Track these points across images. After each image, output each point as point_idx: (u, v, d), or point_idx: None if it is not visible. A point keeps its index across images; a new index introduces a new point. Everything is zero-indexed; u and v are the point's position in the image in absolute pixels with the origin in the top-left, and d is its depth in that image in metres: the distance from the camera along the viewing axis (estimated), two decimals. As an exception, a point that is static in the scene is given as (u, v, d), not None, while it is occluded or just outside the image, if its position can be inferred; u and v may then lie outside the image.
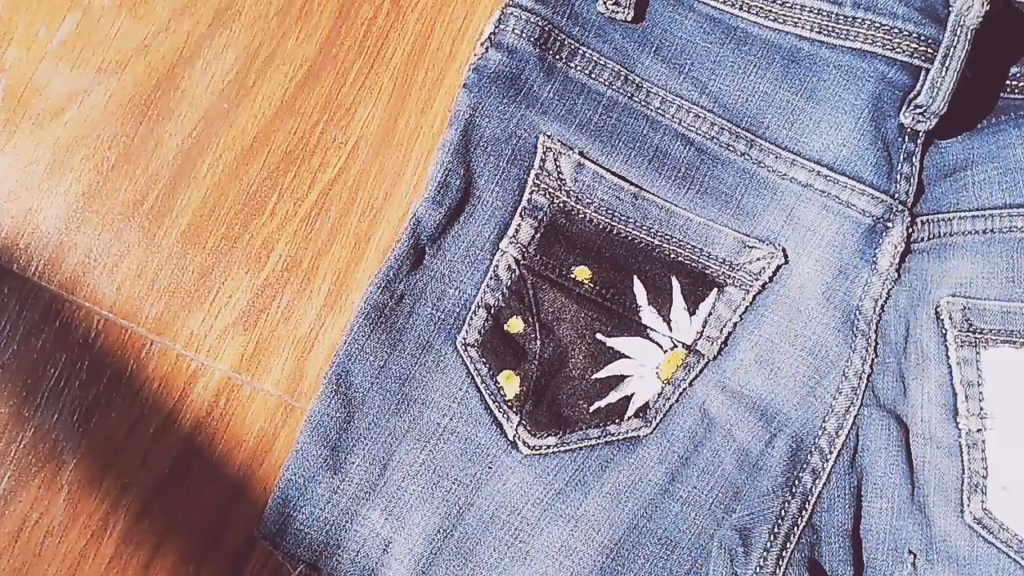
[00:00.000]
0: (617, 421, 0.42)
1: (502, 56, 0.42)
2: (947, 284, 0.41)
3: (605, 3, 0.42)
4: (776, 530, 0.41)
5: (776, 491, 0.41)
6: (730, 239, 0.42)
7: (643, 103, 0.43)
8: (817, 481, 0.41)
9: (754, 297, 0.43)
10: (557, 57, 0.42)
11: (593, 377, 0.42)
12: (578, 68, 0.42)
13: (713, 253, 0.42)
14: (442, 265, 0.42)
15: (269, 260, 0.44)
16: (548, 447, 0.41)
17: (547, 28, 0.42)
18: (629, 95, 0.43)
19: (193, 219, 0.44)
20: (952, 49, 0.40)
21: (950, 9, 0.40)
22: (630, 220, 0.42)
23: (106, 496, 0.42)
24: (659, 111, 0.43)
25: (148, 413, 0.43)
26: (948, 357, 0.41)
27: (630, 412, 0.42)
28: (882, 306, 0.42)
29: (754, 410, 0.42)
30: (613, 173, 0.42)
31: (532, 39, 0.42)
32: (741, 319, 0.43)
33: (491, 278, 0.42)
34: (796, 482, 0.41)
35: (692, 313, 0.42)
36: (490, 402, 0.41)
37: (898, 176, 0.43)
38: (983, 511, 0.39)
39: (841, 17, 0.41)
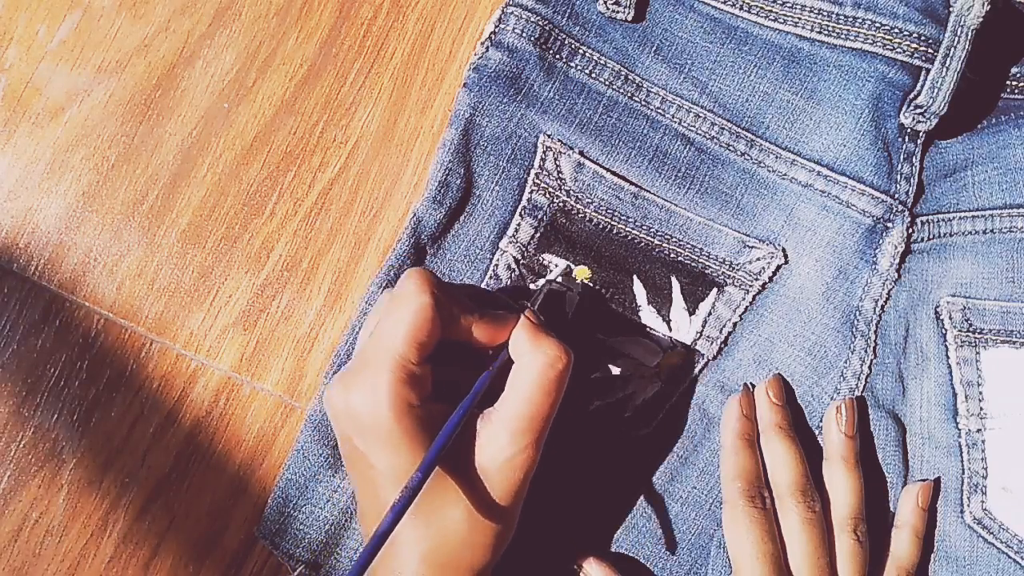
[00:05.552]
0: (616, 421, 0.42)
1: (502, 56, 0.42)
2: (947, 284, 0.41)
3: (605, 3, 0.42)
4: (776, 530, 0.41)
5: (776, 491, 0.41)
6: (730, 239, 0.42)
7: (643, 103, 0.43)
8: (817, 481, 0.41)
9: (754, 297, 0.43)
10: (557, 57, 0.42)
11: (592, 376, 0.42)
12: (578, 68, 0.42)
13: (713, 253, 0.42)
14: (442, 264, 0.42)
15: (269, 260, 0.44)
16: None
17: (547, 28, 0.42)
18: (629, 95, 0.43)
19: (193, 219, 0.44)
20: (952, 49, 0.40)
21: (950, 9, 0.40)
22: (630, 220, 0.42)
23: (106, 496, 0.42)
24: (659, 111, 0.43)
25: (148, 413, 0.43)
26: (948, 357, 0.41)
27: (629, 412, 0.42)
28: (882, 307, 0.42)
29: (754, 410, 0.42)
30: (613, 173, 0.42)
31: (532, 39, 0.42)
32: (741, 319, 0.43)
33: (491, 277, 0.42)
34: (796, 482, 0.41)
35: (692, 313, 0.42)
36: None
37: (898, 176, 0.43)
38: (983, 511, 0.39)
39: (841, 17, 0.41)
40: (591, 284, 0.42)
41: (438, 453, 0.32)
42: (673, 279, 0.42)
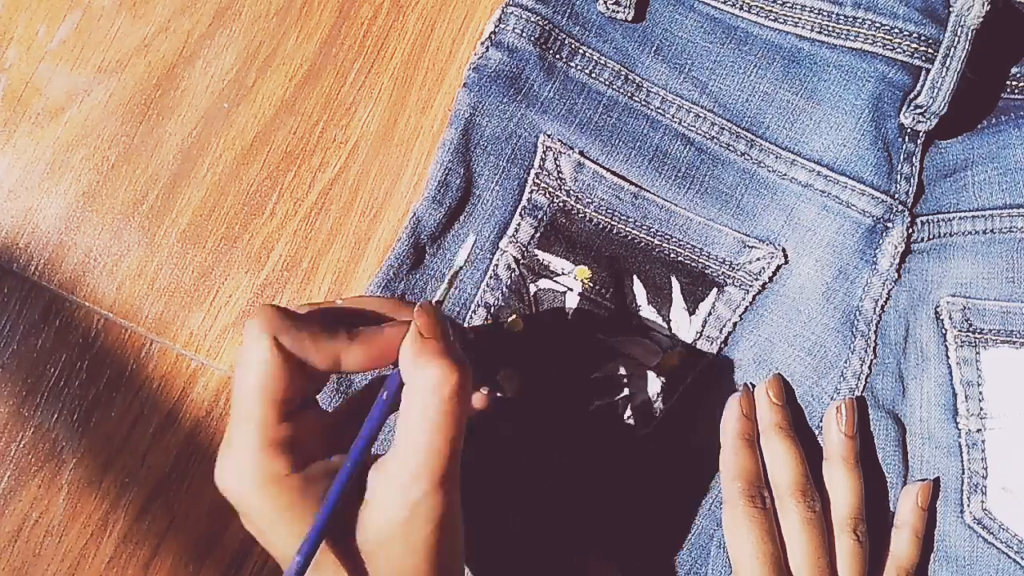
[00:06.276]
0: (616, 421, 0.42)
1: (502, 55, 0.42)
2: (947, 284, 0.41)
3: (606, 3, 0.42)
4: (776, 530, 0.41)
5: (776, 491, 0.41)
6: (730, 239, 0.42)
7: (643, 103, 0.43)
8: (817, 481, 0.41)
9: (754, 297, 0.43)
10: (557, 56, 0.42)
11: (592, 376, 0.42)
12: (578, 67, 0.42)
13: (713, 253, 0.42)
14: (442, 264, 0.42)
15: (269, 260, 0.44)
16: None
17: (547, 27, 0.42)
18: (629, 95, 0.43)
19: (193, 219, 0.44)
20: (953, 49, 0.40)
21: (950, 9, 0.40)
22: (630, 220, 0.42)
23: (106, 496, 0.42)
24: (659, 111, 0.43)
25: (148, 413, 0.43)
26: (948, 357, 0.41)
27: (629, 412, 0.42)
28: (882, 307, 0.42)
29: (754, 410, 0.42)
30: (613, 173, 0.42)
31: (532, 38, 0.42)
32: (741, 319, 0.43)
33: (491, 277, 0.42)
34: (796, 482, 0.41)
35: (692, 313, 0.42)
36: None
37: (898, 176, 0.43)
38: (983, 511, 0.39)
39: (841, 17, 0.41)
40: (591, 284, 0.42)
41: (319, 535, 0.27)
42: (673, 279, 0.42)
